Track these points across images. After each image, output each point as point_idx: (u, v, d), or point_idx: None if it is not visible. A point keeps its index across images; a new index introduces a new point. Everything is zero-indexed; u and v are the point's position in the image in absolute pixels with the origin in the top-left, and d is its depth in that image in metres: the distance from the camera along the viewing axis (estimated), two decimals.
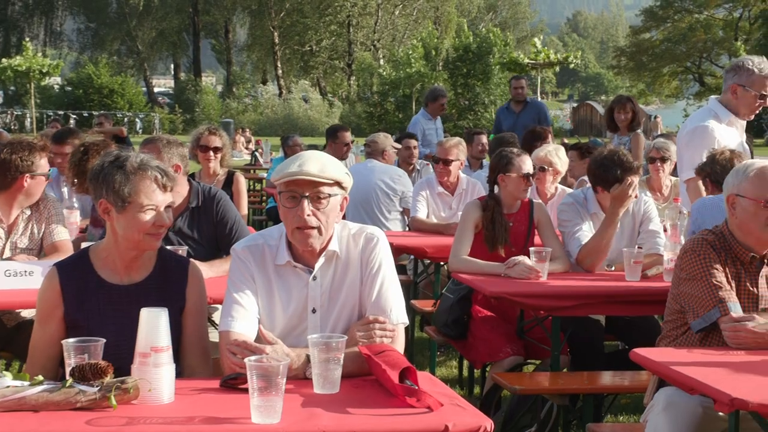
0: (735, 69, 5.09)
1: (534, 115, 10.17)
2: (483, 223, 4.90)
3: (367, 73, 50.40)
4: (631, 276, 4.46)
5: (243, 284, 2.79)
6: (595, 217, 4.81)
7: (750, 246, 3.27)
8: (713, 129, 4.98)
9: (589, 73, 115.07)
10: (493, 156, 5.15)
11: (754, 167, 3.29)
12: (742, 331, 3.01)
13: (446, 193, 6.60)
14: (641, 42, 64.03)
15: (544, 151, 6.33)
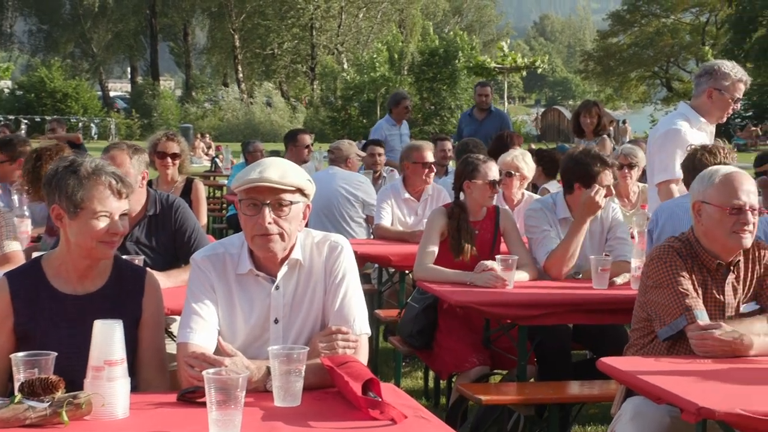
0: (710, 73, 5.15)
1: (497, 124, 10.10)
2: (448, 231, 4.91)
3: (330, 78, 50.40)
4: (598, 284, 4.49)
5: (202, 294, 2.77)
6: (564, 223, 4.84)
7: (716, 253, 3.31)
8: (686, 132, 5.05)
9: (557, 77, 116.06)
10: (458, 162, 5.18)
11: (720, 174, 3.34)
12: (709, 339, 3.05)
13: (412, 199, 6.61)
14: (608, 46, 64.76)
15: (510, 156, 6.37)
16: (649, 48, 63.08)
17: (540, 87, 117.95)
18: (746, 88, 5.18)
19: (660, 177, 5.08)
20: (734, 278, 3.36)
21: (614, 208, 4.99)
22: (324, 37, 60.28)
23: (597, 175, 4.69)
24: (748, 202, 3.27)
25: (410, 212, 6.62)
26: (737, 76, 5.09)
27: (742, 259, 3.37)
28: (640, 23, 64.20)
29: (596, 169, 4.70)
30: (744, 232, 3.26)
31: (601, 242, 4.92)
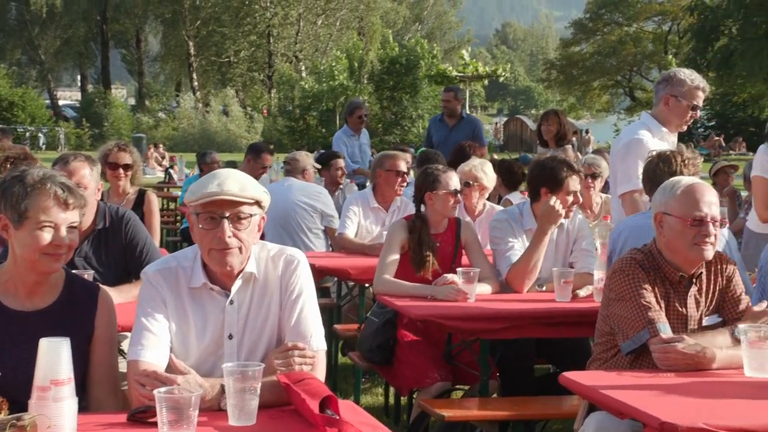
0: (667, 80, 5.24)
1: (468, 131, 9.93)
2: (409, 244, 4.92)
3: (288, 86, 50.32)
4: (561, 296, 4.52)
5: (154, 310, 2.75)
6: (530, 234, 4.86)
7: (678, 265, 3.35)
8: (647, 142, 5.10)
9: (519, 86, 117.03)
10: (418, 174, 5.19)
11: (681, 185, 3.38)
12: (672, 352, 3.08)
13: (381, 209, 6.61)
14: (571, 55, 65.47)
15: (469, 166, 6.41)
16: (612, 57, 63.90)
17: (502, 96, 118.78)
18: (705, 96, 5.25)
19: (623, 188, 5.13)
20: (697, 291, 3.40)
21: (580, 219, 5.03)
22: (282, 45, 60.18)
23: (564, 180, 4.73)
24: (710, 213, 3.30)
25: (377, 222, 6.61)
26: (694, 83, 5.16)
27: (704, 272, 3.41)
28: (603, 32, 65.03)
29: (563, 174, 4.74)
30: (705, 244, 3.29)
31: (567, 254, 4.96)
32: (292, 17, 59.81)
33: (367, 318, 5.13)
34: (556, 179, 4.76)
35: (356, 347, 5.33)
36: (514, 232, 4.87)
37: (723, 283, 3.44)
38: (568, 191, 4.77)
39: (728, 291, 3.43)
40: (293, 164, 7.56)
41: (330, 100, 45.45)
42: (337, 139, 10.61)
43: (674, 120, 5.23)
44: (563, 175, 4.75)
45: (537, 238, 4.72)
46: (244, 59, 59.92)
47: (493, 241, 4.94)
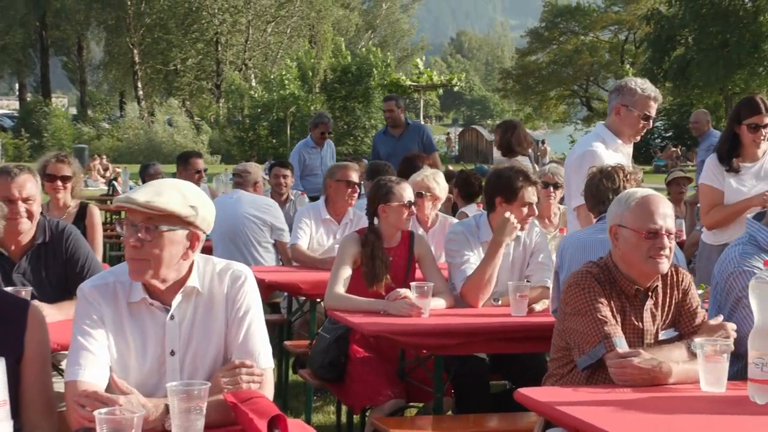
0: (618, 90, 5.32)
1: (416, 138, 9.90)
2: (362, 259, 4.92)
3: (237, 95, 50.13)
4: (516, 311, 4.55)
5: (91, 327, 2.72)
6: (486, 246, 4.89)
7: (634, 278, 3.39)
8: (601, 154, 5.16)
9: (475, 96, 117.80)
10: (371, 186, 5.20)
11: (636, 197, 3.41)
12: (628, 367, 3.10)
13: (333, 221, 6.61)
14: (527, 64, 66.13)
15: (420, 176, 6.44)
16: (569, 66, 64.68)
17: (457, 106, 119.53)
18: (658, 105, 5.33)
19: (577, 201, 5.18)
20: (653, 304, 3.43)
21: (537, 232, 5.07)
22: (230, 53, 59.95)
23: (519, 190, 4.77)
24: (665, 226, 3.34)
25: (329, 234, 6.60)
26: (645, 92, 5.24)
27: (660, 285, 3.45)
28: (559, 41, 65.80)
29: (518, 183, 4.79)
30: (660, 257, 3.33)
31: (523, 268, 4.99)
32: (241, 24, 59.63)
33: (319, 334, 5.12)
34: (511, 189, 4.80)
35: (307, 364, 5.31)
36: (470, 244, 4.90)
37: (679, 296, 3.48)
38: (523, 202, 4.81)
39: (684, 304, 3.48)
40: (244, 177, 7.53)
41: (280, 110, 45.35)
42: (296, 150, 10.61)
43: (626, 130, 5.30)
44: (518, 185, 4.80)
45: (492, 251, 4.75)
46: (191, 67, 59.57)
47: (448, 254, 4.97)
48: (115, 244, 12.66)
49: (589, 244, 4.20)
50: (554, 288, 4.36)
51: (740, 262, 3.38)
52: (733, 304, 3.35)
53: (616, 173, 4.32)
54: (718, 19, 44.78)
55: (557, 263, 4.34)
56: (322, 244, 6.57)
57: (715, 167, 5.57)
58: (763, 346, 2.86)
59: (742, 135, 5.48)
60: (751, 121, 5.44)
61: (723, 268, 3.45)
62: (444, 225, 6.38)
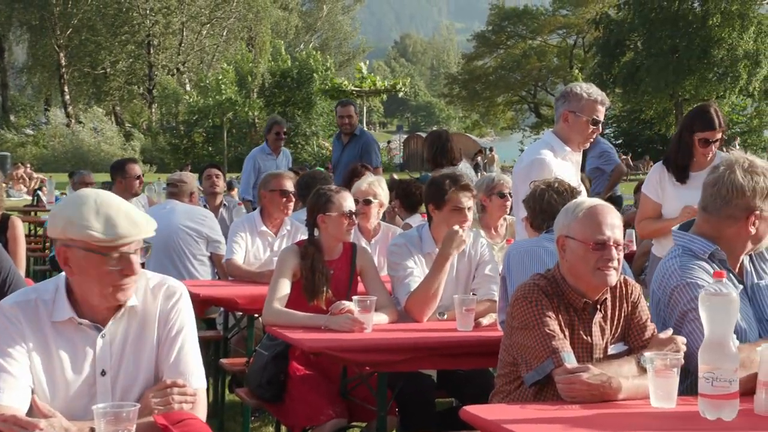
0: (564, 96, 5.38)
1: (358, 149, 9.83)
2: (301, 272, 4.91)
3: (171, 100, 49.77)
4: (462, 325, 4.56)
5: (11, 347, 2.67)
6: (430, 258, 4.91)
7: (582, 291, 3.42)
8: (550, 162, 5.20)
9: (420, 101, 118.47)
10: (309, 196, 5.18)
11: (584, 207, 3.44)
12: (577, 383, 3.12)
13: (269, 233, 6.57)
14: (474, 69, 66.74)
15: (365, 183, 6.46)
16: (516, 71, 65.41)
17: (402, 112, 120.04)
18: (606, 109, 5.40)
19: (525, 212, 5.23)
20: (602, 318, 3.46)
21: (483, 244, 5.10)
22: (163, 56, 59.49)
23: (446, 193, 4.82)
24: (613, 237, 3.37)
25: (266, 247, 6.57)
26: (591, 96, 5.30)
27: (609, 297, 3.48)
28: (506, 45, 66.51)
29: (446, 187, 4.83)
30: (608, 269, 3.36)
31: (469, 280, 5.02)
32: (175, 26, 59.23)
33: (257, 351, 5.09)
34: (440, 194, 4.85)
35: (245, 383, 5.27)
36: (412, 256, 4.91)
37: (628, 309, 3.52)
38: (452, 207, 4.85)
39: (634, 317, 3.51)
40: (180, 186, 7.47)
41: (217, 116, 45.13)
42: (251, 156, 10.51)
43: (575, 137, 5.36)
44: (446, 188, 4.84)
45: (438, 263, 4.77)
46: (121, 71, 58.97)
47: (390, 267, 4.98)
48: (40, 258, 12.46)
49: (535, 252, 4.24)
50: (501, 297, 4.39)
51: (682, 275, 3.39)
52: (679, 318, 3.38)
53: (564, 189, 4.38)
54: (667, 24, 45.62)
55: (503, 271, 4.37)
56: (259, 257, 6.53)
57: (658, 176, 5.64)
58: (713, 360, 2.90)
59: (692, 145, 5.55)
60: (703, 136, 5.50)
61: (664, 282, 3.46)
62: (387, 235, 6.40)
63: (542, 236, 4.35)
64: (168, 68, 59.23)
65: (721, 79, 46.30)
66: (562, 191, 4.37)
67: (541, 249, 4.23)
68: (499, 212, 6.77)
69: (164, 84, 52.16)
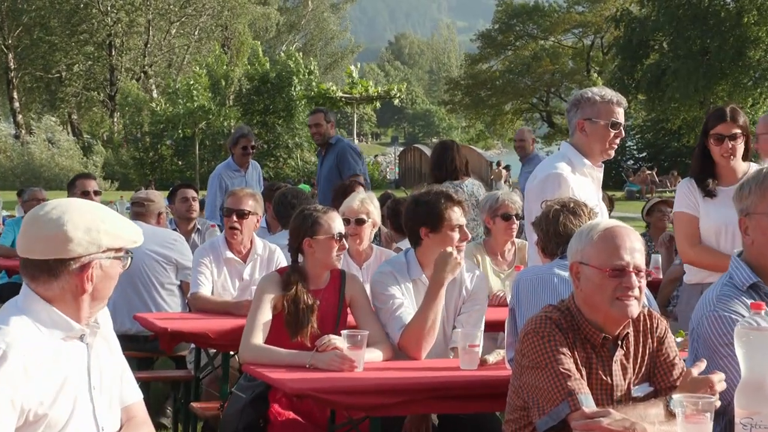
0: (575, 105, 5.39)
1: (333, 160, 9.81)
2: (283, 303, 4.91)
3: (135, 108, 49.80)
4: (466, 364, 4.56)
5: None
6: (419, 284, 4.94)
7: (600, 325, 3.42)
8: (567, 177, 5.20)
9: (417, 110, 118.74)
10: (293, 217, 5.18)
11: (599, 229, 3.45)
12: (596, 429, 3.12)
13: (237, 260, 6.55)
14: (478, 73, 66.82)
15: (357, 201, 6.47)
16: (526, 76, 65.47)
17: (397, 121, 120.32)
18: (624, 110, 5.38)
19: None
20: (623, 355, 3.46)
21: (479, 277, 5.16)
22: (127, 58, 59.58)
23: (444, 212, 4.84)
24: (632, 262, 3.38)
25: (234, 276, 6.54)
26: (606, 98, 5.30)
27: (631, 332, 3.49)
28: (515, 46, 66.66)
29: (441, 205, 4.85)
30: (628, 298, 3.36)
31: (455, 308, 5.05)
32: (140, 25, 59.33)
33: (232, 393, 5.08)
34: (435, 214, 4.87)
35: (219, 429, 5.26)
36: (400, 285, 4.94)
37: (654, 345, 3.52)
38: (452, 226, 4.87)
39: (660, 355, 3.52)
40: (147, 206, 7.47)
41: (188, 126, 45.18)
42: (216, 174, 10.49)
43: (596, 146, 5.36)
44: (442, 207, 4.87)
45: (432, 291, 4.79)
46: (78, 75, 59.00)
47: (377, 299, 4.98)
48: None
49: (548, 280, 4.24)
50: (510, 332, 4.40)
51: (715, 306, 3.40)
52: (710, 354, 3.39)
53: (581, 209, 4.38)
54: (696, 22, 45.72)
55: (512, 301, 4.38)
56: (228, 288, 6.49)
57: (687, 191, 5.62)
58: (752, 405, 2.86)
59: (711, 150, 5.52)
60: (715, 131, 5.43)
61: (697, 311, 3.48)
62: (380, 259, 6.41)
63: (556, 262, 4.36)
64: (132, 72, 59.28)
65: (757, 83, 46.38)
66: (579, 212, 4.37)
67: (554, 276, 4.23)
68: (505, 236, 6.78)
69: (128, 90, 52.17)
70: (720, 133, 5.43)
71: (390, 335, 4.87)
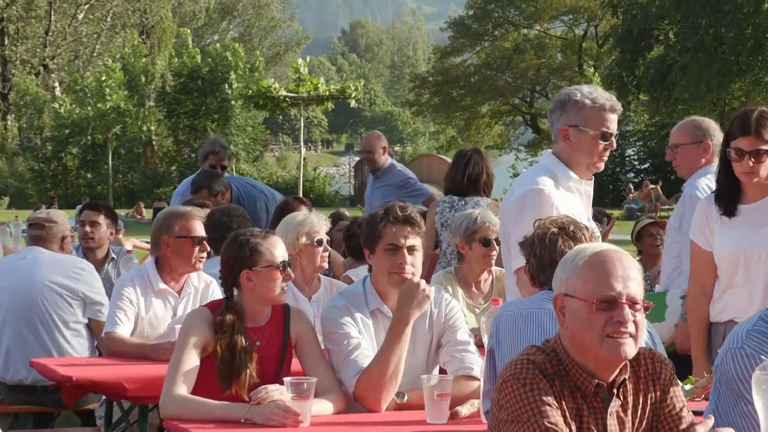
0: (560, 106, 5.39)
1: None
2: (215, 346, 4.89)
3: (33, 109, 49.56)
4: (434, 417, 4.56)
5: None
6: (379, 317, 4.96)
7: (591, 370, 3.42)
8: (550, 193, 5.22)
9: (377, 112, 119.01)
10: (226, 244, 5.15)
11: (585, 254, 3.45)
12: None
13: (171, 292, 6.53)
14: (449, 68, 67.05)
15: (305, 217, 6.50)
16: (507, 71, 65.72)
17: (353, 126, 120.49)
18: (619, 116, 5.40)
19: (518, 261, 5.27)
20: (620, 406, 3.47)
21: (448, 300, 5.16)
22: (23, 48, 59.29)
23: (381, 230, 4.88)
24: (625, 292, 3.37)
25: (166, 311, 6.53)
26: (597, 102, 5.31)
27: (630, 377, 3.50)
28: (493, 36, 66.99)
29: (378, 221, 4.91)
30: (621, 335, 3.36)
31: (433, 352, 5.06)
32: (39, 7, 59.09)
33: None
34: (370, 230, 4.94)
35: None
36: (356, 321, 4.94)
37: (656, 395, 3.53)
38: (386, 245, 4.90)
39: (664, 406, 3.53)
40: (48, 228, 7.40)
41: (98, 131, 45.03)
42: (180, 191, 10.45)
43: (582, 158, 5.39)
44: (378, 223, 4.91)
45: (394, 330, 4.80)
46: None
47: (329, 338, 4.98)
48: None
49: (534, 316, 4.26)
50: (487, 378, 4.41)
51: (744, 341, 3.43)
52: (733, 397, 3.42)
53: (581, 231, 4.41)
54: (709, 8, 46.08)
55: (490, 342, 4.39)
56: (157, 326, 6.48)
57: (704, 212, 5.66)
58: None
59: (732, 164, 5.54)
60: (735, 143, 5.42)
61: (724, 346, 3.51)
62: (329, 291, 6.42)
63: (543, 294, 4.37)
64: (30, 65, 59.01)
65: None
66: (579, 237, 4.39)
67: (542, 312, 4.25)
68: (483, 264, 6.82)
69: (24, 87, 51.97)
70: (740, 147, 5.40)
71: (344, 382, 4.87)
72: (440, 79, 66.52)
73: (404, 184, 10.47)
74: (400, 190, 10.26)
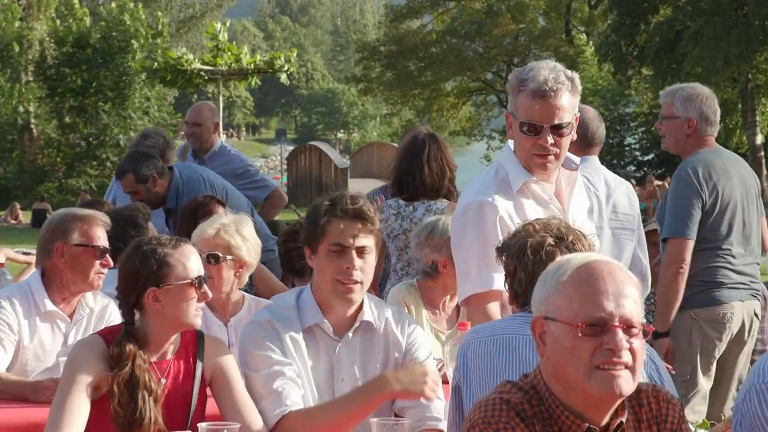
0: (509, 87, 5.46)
1: None
2: (112, 387, 4.88)
3: None
4: None
5: None
6: (316, 334, 5.00)
7: (579, 410, 3.44)
8: (497, 205, 5.30)
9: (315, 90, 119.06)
10: (125, 256, 5.13)
11: (570, 266, 3.48)
12: None
13: (61, 315, 6.52)
14: (406, 35, 67.16)
15: (212, 229, 6.47)
16: (477, 39, 65.91)
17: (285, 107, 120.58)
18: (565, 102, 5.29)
19: (465, 288, 5.33)
20: None
21: (409, 323, 5.22)
22: None
23: (325, 226, 4.93)
24: (618, 313, 3.39)
25: (55, 339, 6.51)
26: (526, 83, 5.29)
27: (629, 420, 3.53)
28: None
29: (323, 218, 4.94)
30: (614, 366, 3.37)
31: None
32: None
33: None
34: (312, 225, 4.99)
35: None
36: (282, 341, 4.97)
37: None
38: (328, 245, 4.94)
39: None
40: None
41: None
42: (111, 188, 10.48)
43: (521, 156, 5.45)
44: (320, 214, 4.96)
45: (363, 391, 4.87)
46: None
47: (247, 363, 5.02)
48: None
49: (510, 343, 4.29)
50: (452, 422, 4.44)
51: (764, 376, 3.50)
52: None
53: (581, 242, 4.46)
54: None
55: (457, 377, 4.41)
56: (42, 358, 6.47)
57: None
58: None
59: None
60: None
61: (746, 381, 3.57)
62: (253, 311, 6.42)
63: (521, 315, 4.39)
64: None
65: None
66: (579, 248, 4.40)
67: (519, 338, 4.27)
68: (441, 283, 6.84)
69: None
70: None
71: (263, 417, 4.89)
72: (394, 48, 66.62)
73: (243, 173, 10.43)
74: (237, 179, 10.13)
